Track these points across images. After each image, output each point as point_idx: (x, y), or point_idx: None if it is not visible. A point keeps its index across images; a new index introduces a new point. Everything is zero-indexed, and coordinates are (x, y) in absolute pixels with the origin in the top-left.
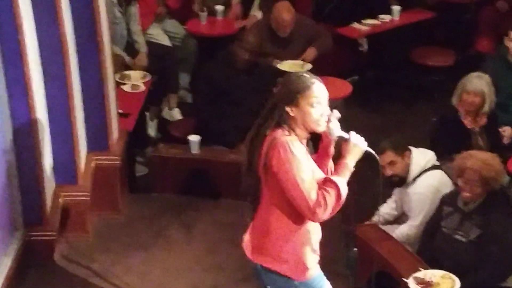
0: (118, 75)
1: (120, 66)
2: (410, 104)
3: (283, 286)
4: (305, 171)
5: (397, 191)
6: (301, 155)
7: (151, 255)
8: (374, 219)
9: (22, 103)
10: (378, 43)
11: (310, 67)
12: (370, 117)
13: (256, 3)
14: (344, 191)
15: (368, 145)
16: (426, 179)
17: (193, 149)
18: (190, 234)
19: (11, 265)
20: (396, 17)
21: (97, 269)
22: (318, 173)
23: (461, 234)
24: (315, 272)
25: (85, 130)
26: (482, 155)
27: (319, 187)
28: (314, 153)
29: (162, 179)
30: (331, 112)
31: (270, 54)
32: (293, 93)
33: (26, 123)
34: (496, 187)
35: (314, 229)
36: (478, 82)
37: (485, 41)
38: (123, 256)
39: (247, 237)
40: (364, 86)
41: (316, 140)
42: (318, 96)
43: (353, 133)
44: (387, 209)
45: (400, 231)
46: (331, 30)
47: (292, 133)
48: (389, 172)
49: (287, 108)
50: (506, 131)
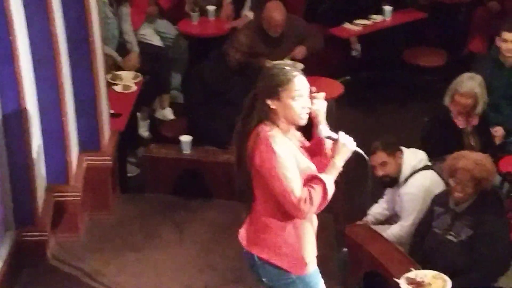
0: (110, 76)
1: (112, 67)
2: (402, 104)
3: (280, 279)
4: (288, 168)
5: (389, 191)
6: (284, 151)
7: (143, 255)
8: (365, 219)
9: (14, 103)
10: (370, 44)
11: (302, 67)
12: (362, 118)
13: (248, 3)
14: (331, 189)
15: (360, 146)
16: (418, 180)
17: (185, 149)
18: (182, 235)
19: (3, 265)
20: (388, 18)
21: (89, 269)
22: (304, 163)
23: (453, 235)
24: (313, 267)
25: (77, 130)
26: (474, 156)
27: (305, 184)
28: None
29: (154, 179)
30: (316, 95)
31: (262, 54)
32: (275, 87)
33: (18, 123)
34: (488, 188)
35: (311, 223)
36: (471, 84)
37: (477, 42)
38: (115, 256)
39: (244, 229)
40: (356, 87)
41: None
42: (300, 89)
43: (342, 133)
44: (379, 209)
45: (392, 231)
46: (323, 30)
47: (275, 127)
48: (381, 173)
49: (269, 101)
50: (498, 132)
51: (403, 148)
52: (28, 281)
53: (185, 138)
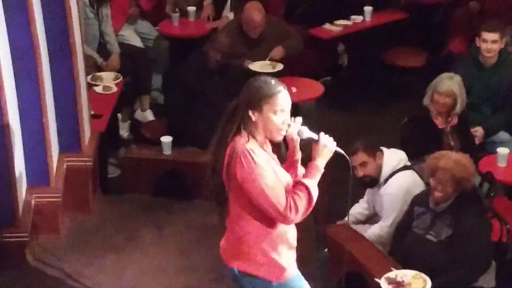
0: (90, 77)
1: (92, 67)
2: (382, 105)
3: None
4: (269, 178)
5: (369, 192)
6: (263, 162)
7: (124, 256)
8: (346, 219)
9: None
10: (350, 44)
11: (281, 68)
12: (342, 118)
13: (228, 4)
14: (315, 193)
15: (340, 146)
16: (398, 180)
17: (166, 150)
18: (163, 235)
19: None
20: (368, 18)
21: (70, 270)
22: (284, 177)
23: (433, 234)
24: (293, 273)
25: (57, 132)
26: (454, 155)
27: (289, 191)
28: (284, 161)
29: (135, 180)
30: (294, 119)
31: (242, 55)
32: (258, 99)
33: None
34: (468, 187)
35: (288, 228)
36: (450, 83)
37: (457, 42)
38: (96, 257)
39: (223, 243)
40: (336, 87)
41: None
42: (282, 104)
43: (322, 134)
44: (359, 209)
45: (372, 231)
46: (303, 31)
47: (252, 139)
48: (361, 173)
49: (250, 112)
50: (478, 131)
51: (383, 149)
52: (9, 282)
53: (166, 139)
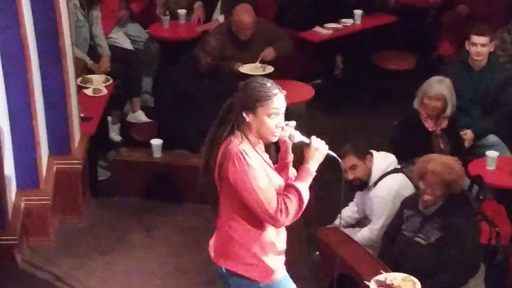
0: (80, 79)
1: (82, 70)
2: (372, 108)
3: None
4: (262, 180)
5: (359, 195)
6: (256, 164)
7: (113, 259)
8: (336, 223)
9: None
10: (341, 47)
11: (272, 70)
12: (332, 121)
13: (218, 7)
14: (306, 196)
15: (331, 149)
16: (387, 183)
17: (156, 153)
18: (153, 238)
19: None
20: (358, 21)
21: (59, 273)
22: (276, 180)
23: (422, 237)
24: (281, 274)
25: (47, 134)
26: (443, 159)
27: (281, 194)
28: (276, 163)
29: (125, 183)
30: (287, 123)
31: (232, 58)
32: (253, 101)
33: None
34: (457, 190)
35: (278, 232)
36: (440, 87)
37: (447, 45)
38: (85, 260)
39: (212, 242)
40: (327, 90)
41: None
42: (277, 108)
43: (314, 138)
44: (349, 212)
45: (362, 234)
46: (294, 34)
47: (245, 140)
48: (351, 176)
49: (244, 114)
50: (467, 135)
51: (373, 152)
52: None
53: (156, 142)
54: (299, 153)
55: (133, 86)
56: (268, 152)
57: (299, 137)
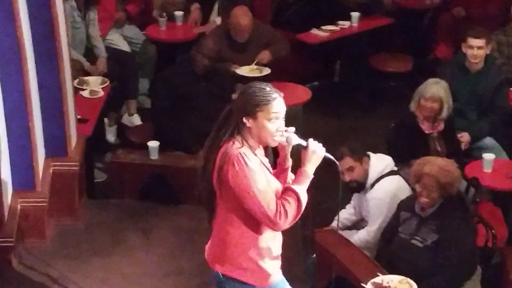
0: (77, 81)
1: (79, 72)
2: (369, 110)
3: None
4: (261, 183)
5: (356, 197)
6: (256, 167)
7: (110, 261)
8: (333, 225)
9: None
10: (337, 49)
11: (268, 72)
12: (329, 123)
13: (215, 9)
14: (304, 199)
15: (327, 151)
16: (384, 185)
17: (152, 155)
18: (149, 240)
19: None
20: (355, 24)
21: (56, 276)
22: (274, 183)
23: (418, 239)
24: (277, 278)
25: (43, 136)
26: (440, 161)
27: (279, 197)
28: (274, 167)
29: (121, 185)
30: (287, 129)
31: (229, 60)
32: (253, 106)
33: None
34: (453, 193)
35: (274, 236)
36: (436, 88)
37: (443, 47)
38: (82, 263)
39: (208, 247)
40: (324, 92)
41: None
42: (277, 112)
43: (311, 140)
44: (346, 215)
45: (358, 236)
46: (290, 36)
47: (245, 144)
48: (348, 178)
49: (245, 119)
50: (464, 137)
51: (370, 154)
52: None
53: (153, 144)
54: (297, 157)
55: (130, 88)
56: (267, 157)
57: (296, 140)
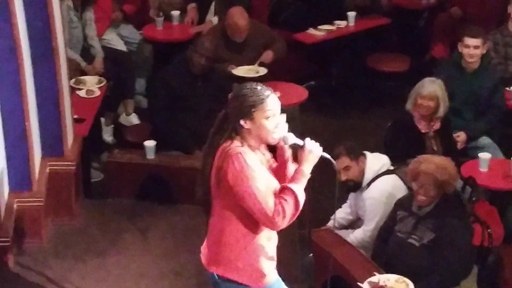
0: (73, 80)
1: (75, 71)
2: (366, 109)
3: None
4: (261, 181)
5: (352, 196)
6: (255, 166)
7: (107, 261)
8: (329, 224)
9: None
10: (334, 49)
11: (265, 72)
12: (326, 122)
13: (212, 9)
14: (302, 198)
15: (324, 150)
16: (380, 184)
17: (149, 155)
18: (146, 240)
19: None
20: (352, 23)
21: (52, 276)
22: (273, 182)
23: (415, 238)
24: (273, 278)
25: (40, 136)
26: (436, 159)
27: (277, 196)
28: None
29: (118, 185)
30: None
31: (226, 60)
32: (248, 107)
33: None
34: (450, 191)
35: (269, 236)
36: (432, 86)
37: (440, 47)
38: (79, 262)
39: (204, 248)
40: (320, 92)
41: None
42: (273, 109)
43: (308, 140)
44: (342, 214)
45: (355, 236)
46: (287, 36)
47: (245, 144)
48: (344, 177)
49: (242, 122)
50: (460, 136)
51: (366, 153)
52: None
53: (149, 143)
54: (294, 155)
55: (127, 88)
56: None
57: (293, 139)
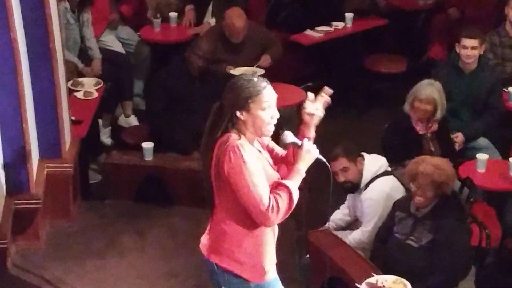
0: (71, 82)
1: (73, 73)
2: (363, 111)
3: None
4: (257, 175)
5: (350, 197)
6: (252, 159)
7: (105, 263)
8: (327, 225)
9: None
10: (332, 50)
11: (262, 73)
12: (323, 124)
13: (210, 10)
14: (296, 195)
15: (321, 152)
16: (378, 185)
17: (147, 156)
18: (144, 241)
19: None
20: (349, 24)
21: (50, 278)
22: (270, 171)
23: (413, 239)
24: (272, 276)
25: (37, 137)
26: (434, 160)
27: (271, 191)
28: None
29: (116, 186)
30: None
31: (224, 61)
32: (244, 99)
33: None
34: (448, 192)
35: (272, 231)
36: (430, 90)
37: (437, 48)
38: (76, 264)
39: (204, 238)
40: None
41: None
42: (269, 100)
43: (306, 140)
44: (340, 215)
45: (353, 237)
46: (285, 37)
47: (242, 136)
48: (342, 178)
49: (238, 113)
50: (458, 137)
51: (364, 154)
52: None
53: (147, 145)
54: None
55: (124, 89)
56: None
57: (292, 138)
